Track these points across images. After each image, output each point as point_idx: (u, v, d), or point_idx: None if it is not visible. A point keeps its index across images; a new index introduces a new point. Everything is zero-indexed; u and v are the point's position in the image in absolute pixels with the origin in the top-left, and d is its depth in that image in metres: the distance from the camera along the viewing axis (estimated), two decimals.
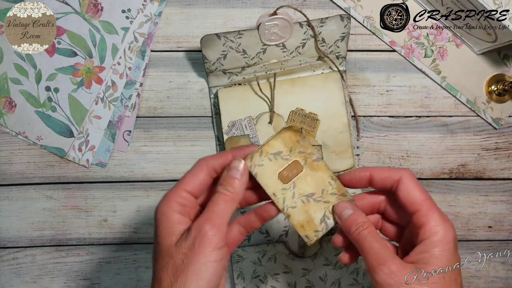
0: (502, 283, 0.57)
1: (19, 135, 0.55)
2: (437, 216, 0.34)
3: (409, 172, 0.36)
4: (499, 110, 0.57)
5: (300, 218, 0.37)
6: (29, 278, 0.57)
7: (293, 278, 0.55)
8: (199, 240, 0.32)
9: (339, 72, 0.54)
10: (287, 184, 0.37)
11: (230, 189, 0.34)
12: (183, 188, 0.34)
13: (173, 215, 0.33)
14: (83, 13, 0.55)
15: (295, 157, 0.37)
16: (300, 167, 0.37)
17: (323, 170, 0.37)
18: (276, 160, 0.37)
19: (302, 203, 0.37)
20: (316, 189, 0.37)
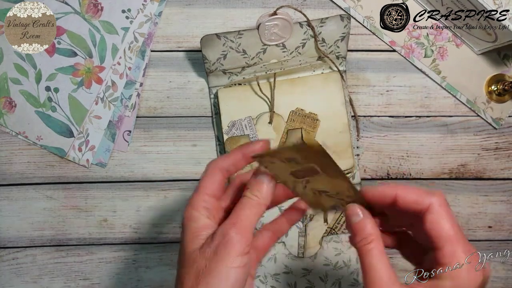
0: (502, 283, 0.57)
1: (19, 135, 0.55)
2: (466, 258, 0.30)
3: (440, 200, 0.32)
4: (499, 110, 0.57)
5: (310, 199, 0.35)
6: (29, 278, 0.57)
7: (293, 279, 0.55)
8: (223, 245, 0.31)
9: (339, 72, 0.54)
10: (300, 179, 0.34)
11: (257, 194, 0.33)
12: (204, 192, 0.34)
13: (200, 219, 0.33)
14: (83, 13, 0.55)
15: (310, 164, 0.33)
16: (315, 171, 0.33)
17: (342, 179, 0.33)
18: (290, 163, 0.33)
19: (313, 194, 0.34)
20: (331, 189, 0.34)
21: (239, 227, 0.32)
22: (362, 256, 0.31)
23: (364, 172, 0.56)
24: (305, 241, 0.54)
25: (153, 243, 0.57)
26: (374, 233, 0.32)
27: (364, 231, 0.32)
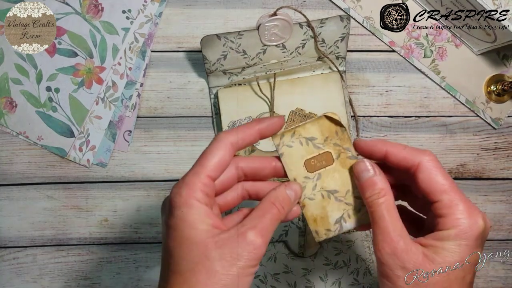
0: (502, 283, 0.57)
1: (20, 135, 0.56)
2: (462, 208, 0.30)
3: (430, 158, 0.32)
4: (498, 110, 0.57)
5: (315, 212, 0.34)
6: (29, 278, 0.57)
7: (293, 278, 0.55)
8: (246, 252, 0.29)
9: (338, 72, 0.54)
10: (311, 173, 0.34)
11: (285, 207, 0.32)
12: (205, 173, 0.31)
13: (200, 206, 0.30)
14: (83, 14, 0.55)
15: (328, 148, 0.34)
16: (330, 160, 0.34)
17: None
18: (308, 145, 0.33)
19: (321, 198, 0.34)
20: (341, 188, 0.34)
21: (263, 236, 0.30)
22: (373, 209, 0.31)
23: None
24: (305, 241, 0.55)
25: (153, 243, 0.57)
26: (386, 188, 0.32)
27: (375, 186, 0.32)
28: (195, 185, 0.30)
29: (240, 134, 0.32)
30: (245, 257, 0.29)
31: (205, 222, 0.29)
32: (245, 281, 0.29)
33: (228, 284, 0.28)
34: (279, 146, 0.34)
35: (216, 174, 0.31)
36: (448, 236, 0.30)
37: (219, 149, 0.31)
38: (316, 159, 0.34)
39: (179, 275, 0.29)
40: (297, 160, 0.34)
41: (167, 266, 0.30)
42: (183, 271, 0.29)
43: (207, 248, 0.29)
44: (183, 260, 0.29)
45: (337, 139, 0.34)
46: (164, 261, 0.31)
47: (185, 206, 0.30)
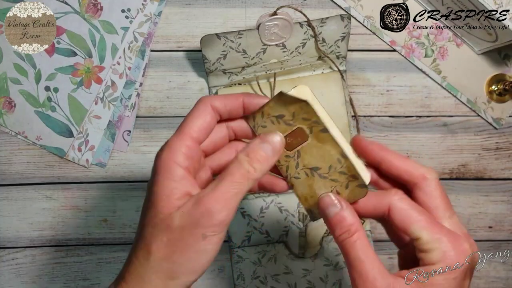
0: (503, 284, 0.57)
1: (19, 135, 0.55)
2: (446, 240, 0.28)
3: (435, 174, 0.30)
4: (499, 110, 0.56)
5: (303, 191, 0.33)
6: (28, 279, 0.56)
7: (293, 279, 0.55)
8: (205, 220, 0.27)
9: (339, 72, 0.54)
10: (291, 152, 0.32)
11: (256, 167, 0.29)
12: (189, 135, 0.30)
13: (178, 170, 0.29)
14: (82, 13, 0.55)
15: (299, 123, 0.32)
16: (305, 136, 0.32)
17: (331, 144, 0.31)
18: (279, 124, 0.32)
19: (306, 176, 0.32)
20: (323, 164, 0.32)
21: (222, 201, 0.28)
22: (347, 250, 0.29)
23: None
24: (305, 241, 0.54)
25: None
26: (356, 222, 0.29)
27: (345, 222, 0.29)
28: (177, 148, 0.29)
29: (225, 100, 0.31)
30: (202, 225, 0.27)
31: (178, 189, 0.28)
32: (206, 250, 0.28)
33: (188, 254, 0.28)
34: (254, 128, 0.33)
35: (200, 137, 0.30)
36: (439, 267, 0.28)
37: (202, 112, 0.31)
38: (291, 136, 0.32)
39: (142, 239, 0.29)
40: None
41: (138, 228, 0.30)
42: (147, 237, 0.29)
43: (171, 217, 0.28)
44: (149, 225, 0.29)
45: (304, 113, 0.31)
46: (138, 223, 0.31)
47: (164, 170, 0.29)
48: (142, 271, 0.28)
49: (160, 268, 0.28)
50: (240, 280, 0.55)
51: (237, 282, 0.55)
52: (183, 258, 0.28)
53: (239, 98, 0.31)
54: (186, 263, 0.28)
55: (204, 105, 0.31)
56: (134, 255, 0.29)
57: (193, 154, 0.30)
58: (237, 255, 0.55)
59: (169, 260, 0.28)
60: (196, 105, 0.31)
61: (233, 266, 0.55)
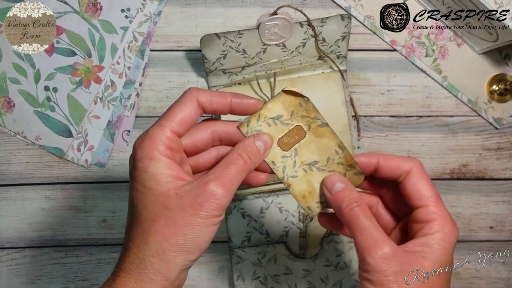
0: (504, 284, 0.57)
1: (18, 135, 0.55)
2: (446, 215, 0.32)
3: (419, 164, 0.33)
4: (500, 110, 0.56)
5: (301, 188, 0.34)
6: (27, 279, 0.56)
7: (293, 280, 0.54)
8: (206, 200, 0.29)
9: (339, 71, 0.53)
10: (287, 151, 0.34)
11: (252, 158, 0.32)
12: (169, 126, 0.31)
13: (161, 158, 0.30)
14: (82, 13, 0.55)
15: (297, 122, 0.33)
16: (302, 133, 0.34)
17: (329, 136, 0.33)
18: (276, 125, 0.33)
19: (304, 172, 0.34)
20: (321, 157, 0.34)
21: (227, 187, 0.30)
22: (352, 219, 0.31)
23: None
24: (305, 242, 0.54)
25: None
26: (360, 197, 0.32)
27: (352, 195, 0.32)
28: (158, 138, 0.30)
29: (212, 97, 0.32)
30: (206, 207, 0.29)
31: (167, 173, 0.30)
32: (206, 231, 0.29)
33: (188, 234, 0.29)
34: (247, 134, 0.33)
35: (181, 129, 0.31)
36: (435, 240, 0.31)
37: (186, 105, 0.31)
38: (288, 136, 0.33)
39: (139, 224, 0.30)
40: None
41: (130, 216, 0.31)
42: (143, 221, 0.29)
43: (168, 199, 0.29)
44: (144, 210, 0.30)
45: (303, 110, 0.33)
46: (128, 212, 0.31)
47: (146, 158, 0.30)
48: (142, 255, 0.29)
49: (160, 250, 0.29)
50: (240, 280, 0.54)
51: (237, 283, 0.55)
52: (184, 238, 0.29)
53: (228, 98, 0.32)
54: (187, 243, 0.29)
55: (190, 98, 0.31)
56: (131, 243, 0.30)
57: (173, 145, 0.31)
58: (237, 255, 0.54)
59: (170, 241, 0.29)
60: (182, 96, 0.32)
61: (233, 266, 0.55)
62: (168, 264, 0.29)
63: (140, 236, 0.30)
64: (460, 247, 0.56)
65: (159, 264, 0.29)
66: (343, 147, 0.34)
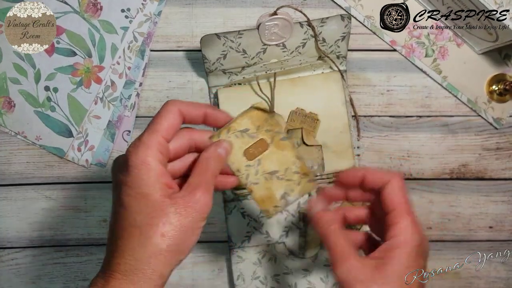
0: (503, 284, 0.57)
1: (18, 135, 0.55)
2: (410, 220, 0.34)
3: (399, 176, 0.36)
4: (500, 110, 0.56)
5: (261, 193, 0.38)
6: (28, 279, 0.56)
7: (293, 279, 0.55)
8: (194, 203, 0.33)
9: (339, 71, 0.53)
10: (252, 161, 0.38)
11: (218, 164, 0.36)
12: (160, 132, 0.34)
13: (157, 165, 0.33)
14: (82, 13, 0.55)
15: (261, 135, 0.38)
16: (266, 145, 0.38)
17: (288, 149, 0.38)
18: (243, 137, 0.37)
19: (264, 180, 0.38)
20: (280, 167, 0.38)
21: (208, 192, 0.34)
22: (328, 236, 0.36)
23: None
24: (305, 242, 0.54)
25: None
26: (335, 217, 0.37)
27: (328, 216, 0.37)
28: (151, 144, 0.33)
29: (189, 106, 0.35)
30: (197, 211, 0.33)
31: (160, 181, 0.32)
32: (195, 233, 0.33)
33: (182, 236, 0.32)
34: None
35: (169, 135, 0.34)
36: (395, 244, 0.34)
37: (170, 113, 0.35)
38: (253, 147, 0.37)
39: (135, 228, 0.32)
40: (236, 152, 0.37)
41: (120, 220, 0.32)
42: (141, 225, 0.32)
43: (163, 204, 0.32)
44: (139, 214, 0.32)
45: (268, 125, 0.38)
46: (116, 216, 0.33)
47: (142, 165, 0.32)
48: (139, 257, 0.31)
49: (158, 251, 0.31)
50: (240, 280, 0.55)
51: (237, 282, 0.55)
52: (179, 240, 0.32)
53: (203, 109, 0.36)
54: (181, 244, 0.32)
55: (173, 108, 0.35)
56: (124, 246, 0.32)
57: (163, 150, 0.33)
58: (237, 255, 0.55)
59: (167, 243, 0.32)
60: (165, 107, 0.35)
61: (233, 266, 0.55)
62: (164, 264, 0.32)
63: (136, 239, 0.31)
64: (460, 247, 0.57)
65: (156, 265, 0.31)
66: (300, 158, 0.38)
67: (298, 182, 0.38)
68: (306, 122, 0.52)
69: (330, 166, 0.51)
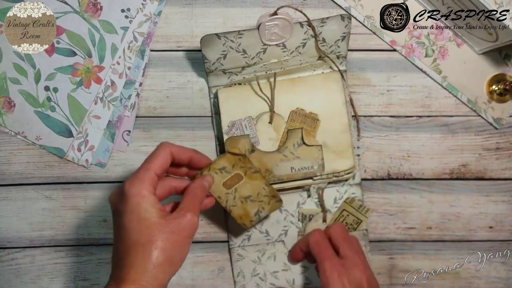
0: (503, 284, 0.57)
1: (18, 135, 0.55)
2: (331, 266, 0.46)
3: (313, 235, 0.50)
4: (500, 110, 0.56)
5: (239, 212, 0.49)
6: (28, 279, 0.56)
7: (291, 276, 0.55)
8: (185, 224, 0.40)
9: (339, 72, 0.53)
10: (230, 190, 0.48)
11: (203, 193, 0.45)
12: (154, 171, 0.41)
13: (150, 197, 0.40)
14: (82, 13, 0.55)
15: (237, 171, 0.47)
16: (241, 178, 0.48)
17: (259, 179, 0.48)
18: (222, 173, 0.47)
19: (241, 203, 0.48)
20: (253, 193, 0.48)
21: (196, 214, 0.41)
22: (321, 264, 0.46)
23: (364, 172, 0.56)
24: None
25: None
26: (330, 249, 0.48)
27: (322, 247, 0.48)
28: (146, 179, 0.40)
29: (179, 149, 0.44)
30: (188, 230, 0.40)
31: (155, 207, 0.40)
32: (187, 247, 0.41)
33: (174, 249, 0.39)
34: None
35: (160, 172, 0.42)
36: None
37: (163, 153, 0.43)
38: (230, 180, 0.47)
39: (139, 245, 0.38)
40: (217, 184, 0.47)
41: (125, 240, 0.39)
42: (144, 242, 0.38)
43: (160, 225, 0.39)
44: (141, 235, 0.39)
45: (241, 163, 0.47)
46: (120, 237, 0.40)
47: (139, 196, 0.40)
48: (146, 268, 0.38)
49: (159, 263, 0.38)
50: (240, 277, 0.55)
51: (237, 279, 0.55)
52: (175, 253, 0.40)
53: (189, 153, 0.45)
54: (175, 257, 0.40)
55: (165, 149, 0.43)
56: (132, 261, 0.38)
57: (154, 183, 0.41)
58: (237, 253, 0.55)
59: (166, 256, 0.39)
60: (159, 148, 0.43)
61: (233, 264, 0.55)
62: (164, 274, 0.39)
63: (141, 254, 0.38)
64: (460, 247, 0.57)
65: (158, 274, 0.38)
66: (268, 185, 0.49)
67: (268, 202, 0.49)
68: (306, 122, 0.52)
69: (330, 166, 0.51)
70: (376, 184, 0.56)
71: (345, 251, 0.47)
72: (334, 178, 0.52)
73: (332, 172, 0.52)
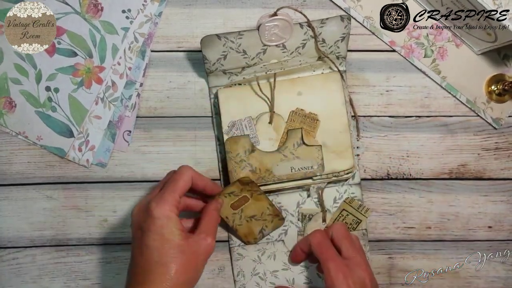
0: (502, 283, 0.57)
1: (19, 135, 0.55)
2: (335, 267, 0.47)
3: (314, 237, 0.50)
4: (499, 110, 0.57)
5: (244, 231, 0.53)
6: (29, 278, 0.57)
7: (291, 275, 0.55)
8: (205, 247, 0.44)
9: (339, 72, 0.54)
10: (236, 210, 0.51)
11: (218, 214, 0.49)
12: (177, 192, 0.44)
13: (174, 219, 0.43)
14: (83, 13, 0.55)
15: (244, 194, 0.50)
16: (247, 199, 0.51)
17: (264, 200, 0.51)
18: (230, 196, 0.50)
19: (246, 222, 0.52)
20: (258, 212, 0.52)
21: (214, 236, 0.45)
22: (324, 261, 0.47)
23: (364, 172, 0.56)
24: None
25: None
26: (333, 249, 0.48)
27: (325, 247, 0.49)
28: (171, 201, 0.43)
29: (198, 176, 0.47)
30: (205, 252, 0.44)
31: (178, 229, 0.43)
32: (201, 269, 0.44)
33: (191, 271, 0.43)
34: None
35: (182, 193, 0.45)
36: None
37: (186, 177, 0.45)
38: (238, 202, 0.50)
39: (161, 265, 0.41)
40: (225, 205, 0.50)
41: (146, 257, 0.42)
42: (166, 262, 0.41)
43: (183, 247, 0.42)
44: (164, 255, 0.41)
45: (249, 187, 0.50)
46: (142, 255, 0.42)
47: (165, 217, 0.42)
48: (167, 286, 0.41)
49: (180, 282, 0.42)
50: (240, 276, 0.55)
51: (237, 278, 0.55)
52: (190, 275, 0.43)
53: (205, 181, 0.48)
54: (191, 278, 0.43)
55: (188, 173, 0.46)
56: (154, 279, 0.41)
57: (178, 204, 0.44)
58: (237, 253, 0.55)
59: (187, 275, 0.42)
60: (183, 171, 0.46)
61: (233, 263, 0.55)
62: None
63: (162, 273, 0.41)
64: (459, 247, 0.57)
65: None
66: (272, 204, 0.52)
67: (271, 221, 0.53)
68: (306, 122, 0.53)
69: (330, 166, 0.52)
70: (375, 184, 0.57)
71: (348, 251, 0.47)
72: (333, 178, 0.52)
73: (332, 172, 0.52)
